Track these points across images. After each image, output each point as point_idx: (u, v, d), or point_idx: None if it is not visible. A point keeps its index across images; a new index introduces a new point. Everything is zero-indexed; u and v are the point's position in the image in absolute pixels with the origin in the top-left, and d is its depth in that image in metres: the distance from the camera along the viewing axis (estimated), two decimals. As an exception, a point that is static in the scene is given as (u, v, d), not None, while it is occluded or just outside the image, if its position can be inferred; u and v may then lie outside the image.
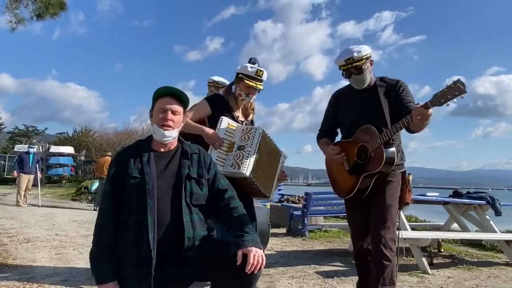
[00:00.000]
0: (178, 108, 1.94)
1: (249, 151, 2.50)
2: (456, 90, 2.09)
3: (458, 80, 2.09)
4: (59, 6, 7.93)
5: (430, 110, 2.17)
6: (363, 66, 2.49)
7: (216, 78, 3.88)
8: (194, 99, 2.57)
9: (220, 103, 2.74)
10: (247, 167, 2.45)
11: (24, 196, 10.46)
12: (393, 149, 2.45)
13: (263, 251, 1.76)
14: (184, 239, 1.79)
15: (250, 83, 2.67)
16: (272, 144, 2.68)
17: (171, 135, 1.92)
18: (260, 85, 2.72)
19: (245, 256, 1.68)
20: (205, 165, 1.99)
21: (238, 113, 2.78)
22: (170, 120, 1.90)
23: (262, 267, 1.72)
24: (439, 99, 2.13)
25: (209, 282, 3.01)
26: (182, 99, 1.96)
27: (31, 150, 10.91)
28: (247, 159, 2.47)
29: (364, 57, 2.48)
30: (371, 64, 2.57)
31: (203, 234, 1.88)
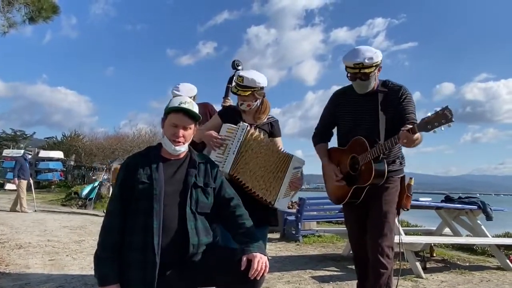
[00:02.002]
0: (190, 124, 1.98)
1: (230, 147, 2.42)
2: (444, 118, 2.08)
3: (446, 108, 2.08)
4: (51, 10, 7.86)
5: (417, 135, 2.18)
6: (371, 74, 2.41)
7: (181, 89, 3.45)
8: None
9: (231, 113, 2.69)
10: (225, 163, 2.37)
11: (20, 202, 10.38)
12: (383, 163, 2.45)
13: (268, 258, 1.78)
14: (188, 245, 1.81)
15: (236, 92, 2.58)
16: (269, 143, 2.53)
17: (181, 149, 1.97)
18: (244, 91, 2.54)
19: (250, 262, 1.71)
20: (211, 174, 2.03)
21: (247, 118, 2.65)
22: (181, 136, 1.94)
23: (266, 273, 1.75)
24: (426, 125, 2.14)
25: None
26: (194, 116, 1.98)
27: (28, 156, 10.96)
28: (227, 156, 2.39)
29: (374, 64, 2.39)
30: (379, 71, 2.49)
31: (208, 241, 1.91)
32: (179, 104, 1.94)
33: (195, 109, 1.98)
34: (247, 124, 2.48)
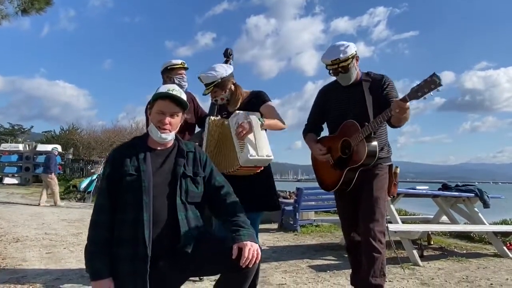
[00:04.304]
0: (177, 111, 1.94)
1: (203, 144, 2.53)
2: (432, 83, 2.15)
3: (434, 74, 2.15)
4: (44, 1, 7.78)
5: (408, 104, 2.24)
6: (349, 65, 2.53)
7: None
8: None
9: (214, 108, 2.82)
10: None
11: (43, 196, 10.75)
12: (375, 142, 2.50)
13: (259, 246, 1.77)
14: (179, 236, 1.79)
15: (205, 93, 2.66)
16: (222, 124, 2.55)
17: (168, 137, 1.93)
18: (207, 89, 2.63)
19: (241, 250, 1.70)
20: (200, 163, 2.00)
21: (232, 108, 2.68)
22: (168, 123, 1.91)
23: (257, 261, 1.73)
24: (416, 92, 2.20)
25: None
26: (181, 103, 1.95)
27: (56, 151, 11.93)
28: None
29: (350, 57, 2.51)
30: (357, 60, 2.60)
31: (199, 231, 1.88)
32: (167, 91, 1.91)
33: (183, 97, 1.95)
34: (208, 117, 2.55)
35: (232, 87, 2.66)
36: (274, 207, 2.65)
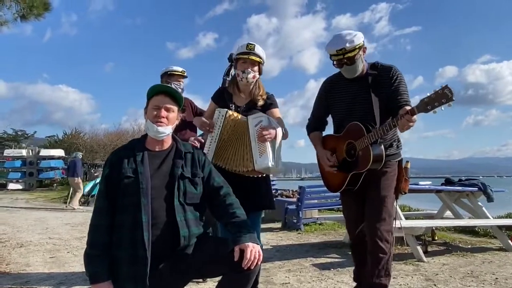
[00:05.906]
0: (172, 106, 1.95)
1: (212, 136, 2.48)
2: (444, 97, 2.05)
3: (446, 87, 2.04)
4: (43, 7, 7.79)
5: (415, 116, 2.15)
6: (355, 56, 2.38)
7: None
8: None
9: (222, 94, 2.71)
10: (209, 152, 2.45)
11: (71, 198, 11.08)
12: (381, 147, 2.41)
13: (260, 247, 1.76)
14: (179, 238, 1.79)
15: (242, 57, 2.55)
16: (238, 119, 2.49)
17: (165, 131, 1.92)
18: (253, 56, 2.53)
19: (242, 252, 1.69)
20: (199, 163, 2.00)
21: (236, 100, 2.65)
22: (164, 117, 1.91)
23: (259, 262, 1.72)
24: (426, 105, 2.11)
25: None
26: (176, 98, 1.96)
27: (79, 155, 12.49)
28: (210, 144, 2.47)
29: (357, 47, 2.36)
30: (364, 51, 2.45)
31: (199, 232, 1.88)
32: (160, 85, 1.97)
33: (177, 92, 1.97)
34: (226, 110, 2.48)
35: (258, 77, 2.65)
36: (269, 207, 2.65)
